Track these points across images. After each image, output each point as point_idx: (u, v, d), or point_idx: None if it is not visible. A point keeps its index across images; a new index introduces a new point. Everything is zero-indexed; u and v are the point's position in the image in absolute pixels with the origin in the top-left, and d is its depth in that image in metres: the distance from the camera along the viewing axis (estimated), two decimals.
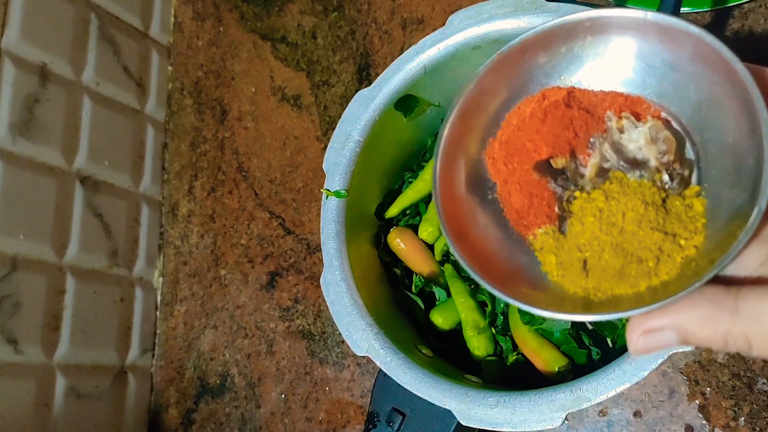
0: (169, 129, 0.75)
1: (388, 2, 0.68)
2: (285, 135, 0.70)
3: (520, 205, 0.32)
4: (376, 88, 0.49)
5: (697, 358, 0.51)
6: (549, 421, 0.38)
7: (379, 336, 0.45)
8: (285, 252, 0.67)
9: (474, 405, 0.41)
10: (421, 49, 0.48)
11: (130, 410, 0.66)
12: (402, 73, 0.49)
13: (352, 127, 0.49)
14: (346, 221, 0.49)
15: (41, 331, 0.58)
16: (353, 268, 0.48)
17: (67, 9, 0.64)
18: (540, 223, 0.32)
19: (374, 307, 0.47)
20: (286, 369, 0.64)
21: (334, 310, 0.46)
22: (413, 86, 0.50)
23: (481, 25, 0.46)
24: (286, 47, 0.72)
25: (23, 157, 0.58)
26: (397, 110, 0.50)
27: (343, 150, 0.49)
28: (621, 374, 0.37)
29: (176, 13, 0.78)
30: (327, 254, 0.48)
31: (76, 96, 0.64)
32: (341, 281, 0.47)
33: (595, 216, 0.30)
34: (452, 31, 0.47)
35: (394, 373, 0.43)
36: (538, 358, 0.47)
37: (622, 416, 0.52)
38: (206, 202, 0.71)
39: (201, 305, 0.69)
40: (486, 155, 0.34)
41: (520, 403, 0.39)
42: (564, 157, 0.32)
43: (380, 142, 0.51)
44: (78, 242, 0.62)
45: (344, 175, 0.49)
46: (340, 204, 0.49)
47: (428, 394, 0.42)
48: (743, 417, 0.49)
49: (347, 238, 0.48)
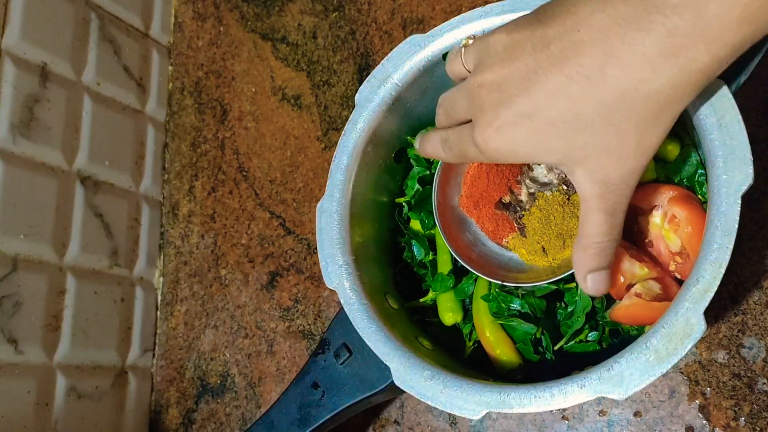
0: (170, 129, 0.75)
1: (389, 2, 0.68)
2: (285, 135, 0.70)
3: (493, 227, 0.50)
4: (430, 37, 0.48)
5: (697, 358, 0.51)
6: (469, 411, 0.40)
7: (351, 276, 0.47)
8: (285, 252, 0.67)
9: (411, 372, 0.43)
10: (485, 13, 0.46)
11: (131, 410, 0.66)
12: (460, 31, 0.47)
13: (395, 69, 0.49)
14: (362, 157, 0.49)
15: (42, 331, 0.58)
16: (352, 203, 0.48)
17: (67, 9, 0.64)
18: (507, 234, 0.50)
19: (359, 245, 0.49)
20: (287, 369, 0.64)
21: (320, 238, 0.48)
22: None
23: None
24: (287, 47, 0.72)
25: (24, 157, 0.58)
26: (444, 61, 0.48)
27: (378, 88, 0.49)
28: (548, 397, 0.38)
29: (177, 13, 0.78)
30: (331, 183, 0.48)
31: (77, 96, 0.64)
32: (335, 212, 0.48)
33: (539, 221, 0.48)
34: (523, 5, 0.46)
35: (352, 315, 0.46)
36: (492, 350, 0.48)
37: (622, 416, 0.52)
38: (207, 202, 0.71)
39: (201, 305, 0.69)
40: (461, 206, 0.51)
41: (452, 386, 0.41)
42: (508, 195, 0.50)
43: (419, 91, 0.50)
44: (78, 242, 0.62)
45: (372, 113, 0.49)
46: (359, 139, 0.49)
47: (375, 346, 0.44)
48: (744, 417, 0.49)
49: (356, 173, 0.49)
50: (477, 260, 0.49)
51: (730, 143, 0.38)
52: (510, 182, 0.50)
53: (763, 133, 0.52)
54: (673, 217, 0.44)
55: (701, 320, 0.36)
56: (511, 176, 0.50)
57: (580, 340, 0.48)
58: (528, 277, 0.47)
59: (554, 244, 0.47)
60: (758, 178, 0.52)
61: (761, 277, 0.50)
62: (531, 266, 0.48)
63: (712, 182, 0.38)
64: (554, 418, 0.53)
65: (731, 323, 0.50)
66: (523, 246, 0.48)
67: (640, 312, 0.43)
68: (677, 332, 0.36)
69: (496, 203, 0.50)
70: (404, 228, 0.53)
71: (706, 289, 0.36)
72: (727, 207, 0.37)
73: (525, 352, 0.48)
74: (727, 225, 0.37)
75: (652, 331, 0.37)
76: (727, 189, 0.37)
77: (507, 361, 0.48)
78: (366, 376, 0.46)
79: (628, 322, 0.45)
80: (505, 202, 0.50)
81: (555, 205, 0.48)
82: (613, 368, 0.37)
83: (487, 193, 0.50)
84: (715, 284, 0.36)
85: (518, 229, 0.49)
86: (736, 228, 0.37)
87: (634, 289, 0.43)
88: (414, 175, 0.54)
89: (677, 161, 0.47)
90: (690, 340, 0.36)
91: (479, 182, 0.50)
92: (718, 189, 0.37)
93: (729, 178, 0.37)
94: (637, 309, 0.43)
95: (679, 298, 0.37)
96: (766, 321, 0.50)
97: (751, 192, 0.51)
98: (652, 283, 0.44)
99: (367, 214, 0.51)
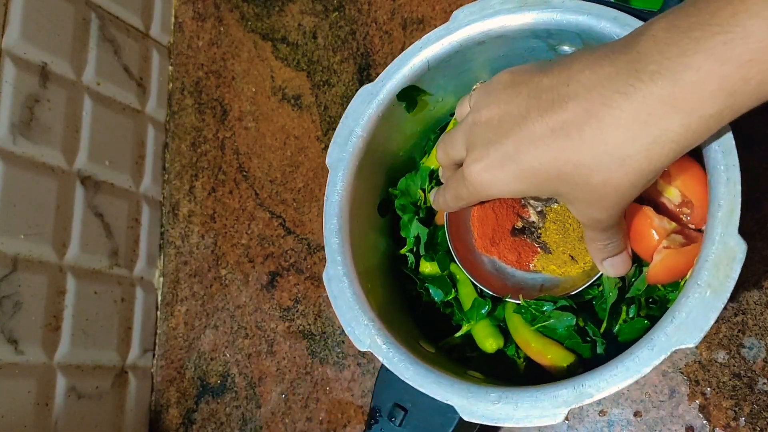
0: (170, 129, 0.75)
1: (389, 2, 0.68)
2: (285, 135, 0.70)
3: (515, 257, 0.50)
4: (380, 83, 0.49)
5: (697, 358, 0.51)
6: (551, 416, 0.38)
7: (381, 331, 0.45)
8: (285, 252, 0.67)
9: (476, 401, 0.41)
10: (425, 44, 0.48)
11: (131, 410, 0.66)
12: (406, 68, 0.49)
13: (356, 123, 0.49)
14: (349, 216, 0.49)
15: (42, 331, 0.58)
16: (356, 262, 0.48)
17: (67, 9, 0.64)
18: (531, 258, 0.50)
19: (377, 302, 0.47)
20: (287, 369, 0.64)
21: (337, 305, 0.46)
22: (417, 82, 0.49)
23: (486, 20, 0.46)
24: (287, 47, 0.72)
25: (24, 157, 0.58)
26: (399, 101, 0.50)
27: (346, 145, 0.49)
28: (623, 370, 0.37)
29: (177, 13, 0.78)
30: (329, 249, 0.48)
31: (77, 96, 0.64)
32: (344, 276, 0.47)
33: (557, 233, 0.48)
34: (456, 26, 0.47)
35: (396, 368, 0.43)
36: (543, 358, 0.47)
37: (622, 416, 0.52)
38: (207, 202, 0.71)
39: (201, 305, 0.69)
40: (478, 248, 0.51)
41: (522, 399, 0.39)
42: (518, 221, 0.50)
43: (383, 137, 0.51)
44: (78, 242, 0.62)
45: (347, 171, 0.49)
46: (343, 199, 0.49)
47: (430, 389, 0.42)
48: (744, 417, 0.49)
49: (350, 233, 0.48)
50: (514, 292, 0.48)
51: None
52: (516, 209, 0.50)
53: (763, 133, 0.52)
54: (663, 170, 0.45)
55: (740, 240, 0.35)
56: (515, 203, 0.50)
57: (624, 320, 0.46)
58: (565, 288, 0.47)
59: (580, 249, 0.48)
60: (758, 178, 0.52)
61: (761, 277, 0.50)
62: (565, 278, 0.48)
63: None
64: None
65: (731, 323, 0.50)
66: (551, 263, 0.49)
67: (675, 261, 0.42)
68: (722, 259, 0.36)
69: (510, 232, 0.50)
70: (415, 277, 0.53)
71: (731, 210, 0.36)
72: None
73: (575, 347, 0.47)
74: (725, 144, 0.37)
75: (697, 269, 0.36)
76: None
77: (562, 362, 0.46)
78: (430, 427, 0.43)
79: (666, 278, 0.44)
80: (519, 228, 0.50)
81: (566, 213, 0.49)
82: (675, 318, 0.36)
83: (499, 227, 0.50)
84: (737, 202, 0.36)
85: (540, 248, 0.49)
86: (734, 144, 0.36)
87: (661, 245, 0.43)
88: (405, 224, 0.54)
89: None
90: (737, 262, 0.35)
91: (487, 220, 0.50)
92: None
93: None
94: (671, 259, 0.42)
95: (709, 229, 0.37)
96: (766, 321, 0.50)
97: (751, 192, 0.52)
98: (675, 236, 0.43)
99: (373, 271, 0.50)
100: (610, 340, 0.47)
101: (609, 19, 0.43)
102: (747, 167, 0.37)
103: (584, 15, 0.43)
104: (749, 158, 0.51)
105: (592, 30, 0.43)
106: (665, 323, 0.37)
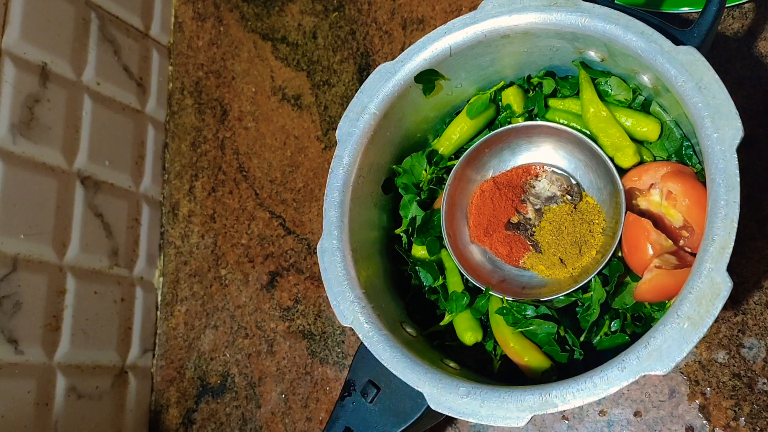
0: (170, 129, 0.75)
1: (389, 2, 0.68)
2: (285, 135, 0.70)
3: (507, 251, 0.51)
4: (399, 63, 0.49)
5: (697, 358, 0.51)
6: (514, 419, 0.39)
7: (365, 309, 0.46)
8: (285, 252, 0.67)
9: (446, 392, 0.41)
10: (449, 30, 0.48)
11: (131, 410, 0.66)
12: (427, 51, 0.48)
13: (370, 99, 0.49)
14: (352, 191, 0.49)
15: (42, 331, 0.58)
16: (351, 238, 0.48)
17: (67, 9, 0.64)
18: (522, 254, 0.51)
19: (366, 279, 0.48)
20: (287, 369, 0.64)
21: (326, 278, 0.47)
22: (436, 66, 0.49)
23: (513, 15, 0.46)
24: (287, 47, 0.72)
25: (24, 157, 0.58)
26: (417, 83, 0.49)
27: (357, 121, 0.49)
28: (591, 386, 0.38)
29: (176, 13, 0.78)
30: (327, 221, 0.48)
31: (77, 96, 0.64)
32: (337, 250, 0.47)
33: (551, 234, 0.49)
34: (483, 16, 0.47)
35: (374, 348, 0.44)
36: (521, 359, 0.47)
37: (622, 416, 0.52)
38: (207, 202, 0.71)
39: (201, 305, 0.69)
40: (471, 236, 0.52)
41: (490, 397, 0.40)
42: (515, 215, 0.51)
43: (396, 117, 0.50)
44: (78, 242, 0.62)
45: (355, 146, 0.49)
46: (347, 174, 0.49)
47: (403, 374, 0.43)
48: (744, 417, 0.49)
49: (350, 208, 0.49)
50: (498, 285, 0.49)
51: (713, 103, 0.38)
52: (515, 203, 0.51)
53: (763, 133, 0.52)
54: (669, 192, 0.45)
55: (726, 278, 0.36)
56: (515, 197, 0.51)
57: (606, 333, 0.47)
58: (550, 290, 0.48)
59: (571, 253, 0.48)
60: (758, 178, 0.52)
61: (761, 277, 0.50)
62: (552, 280, 0.49)
63: (705, 142, 0.38)
64: (554, 418, 0.53)
65: (731, 323, 0.50)
66: (541, 262, 0.49)
67: (664, 282, 0.43)
68: (705, 294, 0.36)
69: (505, 225, 0.51)
70: (407, 257, 0.53)
71: (724, 246, 0.36)
72: (724, 163, 0.37)
73: (553, 354, 0.47)
74: (729, 180, 0.37)
75: (679, 299, 0.37)
76: (720, 145, 0.37)
77: (537, 366, 0.46)
78: (399, 409, 0.44)
79: (654, 297, 0.44)
80: (514, 222, 0.51)
81: (564, 215, 0.49)
82: (649, 344, 0.36)
83: (495, 218, 0.51)
84: (731, 240, 0.36)
85: (532, 246, 0.50)
86: (738, 181, 0.37)
87: (653, 263, 0.43)
88: (405, 205, 0.54)
89: (661, 140, 0.47)
90: (720, 300, 0.35)
91: (485, 209, 0.51)
92: (711, 148, 0.38)
93: (721, 135, 0.37)
94: (660, 280, 0.43)
95: (699, 261, 0.37)
96: (766, 321, 0.50)
97: (751, 192, 0.52)
98: (668, 256, 0.44)
99: (368, 248, 0.51)
100: (588, 349, 0.47)
101: (636, 32, 0.42)
102: (747, 167, 0.37)
103: (612, 24, 0.43)
104: (749, 158, 0.51)
105: (618, 41, 0.43)
106: (639, 347, 0.37)
